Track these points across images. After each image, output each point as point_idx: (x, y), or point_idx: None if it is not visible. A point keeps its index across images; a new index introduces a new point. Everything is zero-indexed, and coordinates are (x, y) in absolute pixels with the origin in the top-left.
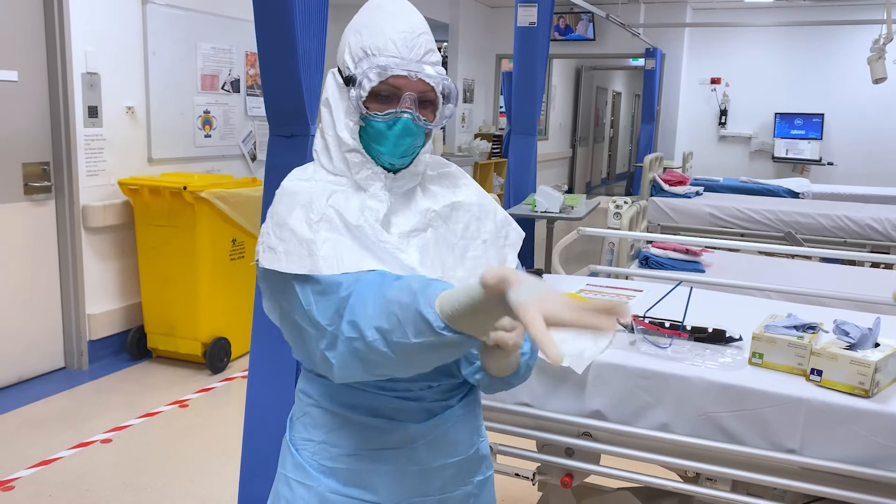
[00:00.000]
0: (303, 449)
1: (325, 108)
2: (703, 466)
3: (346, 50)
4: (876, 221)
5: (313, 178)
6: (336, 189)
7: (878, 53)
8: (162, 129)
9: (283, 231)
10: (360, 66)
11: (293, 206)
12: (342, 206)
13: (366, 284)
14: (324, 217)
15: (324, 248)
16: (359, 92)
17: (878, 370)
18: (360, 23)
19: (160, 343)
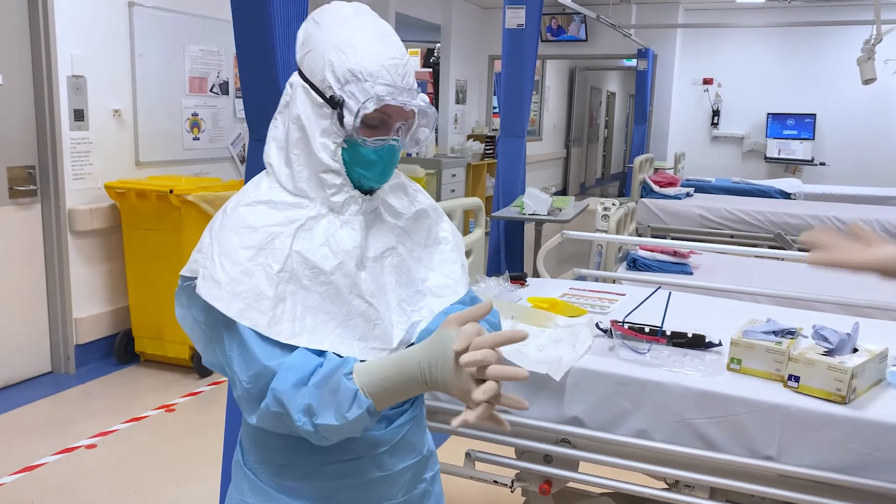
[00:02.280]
0: (261, 472)
1: (295, 125)
2: (681, 473)
3: (328, 68)
4: (865, 222)
5: (271, 199)
6: (298, 220)
7: (867, 54)
8: (149, 131)
9: (233, 267)
10: (348, 89)
11: (250, 245)
12: (309, 249)
13: (294, 360)
14: (286, 268)
15: (285, 312)
16: (354, 121)
17: (855, 376)
18: (343, 39)
19: (148, 347)
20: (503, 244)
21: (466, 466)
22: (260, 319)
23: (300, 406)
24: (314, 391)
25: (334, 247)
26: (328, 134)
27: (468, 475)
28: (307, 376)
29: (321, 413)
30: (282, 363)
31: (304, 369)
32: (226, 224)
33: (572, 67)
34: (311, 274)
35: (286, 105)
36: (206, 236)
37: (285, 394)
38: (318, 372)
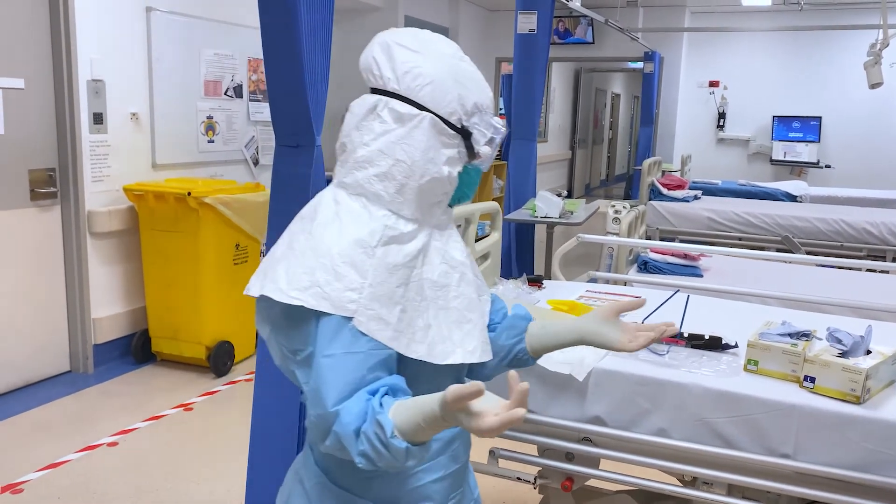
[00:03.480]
0: (348, 485)
1: (418, 153)
2: (700, 471)
3: (457, 101)
4: (872, 225)
5: (401, 232)
6: (421, 250)
7: (874, 59)
8: (166, 134)
9: (394, 307)
10: (472, 120)
11: (400, 283)
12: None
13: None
14: (426, 297)
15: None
16: (488, 149)
17: (869, 377)
18: (460, 73)
19: (164, 347)
20: (514, 247)
21: (490, 464)
22: (420, 348)
23: (357, 451)
24: (366, 441)
25: (451, 262)
26: (452, 162)
27: (492, 472)
28: (361, 424)
29: (379, 461)
30: (343, 407)
31: (360, 416)
32: (376, 266)
33: (577, 69)
34: (443, 293)
35: (384, 133)
36: (356, 277)
37: (346, 438)
38: (368, 419)
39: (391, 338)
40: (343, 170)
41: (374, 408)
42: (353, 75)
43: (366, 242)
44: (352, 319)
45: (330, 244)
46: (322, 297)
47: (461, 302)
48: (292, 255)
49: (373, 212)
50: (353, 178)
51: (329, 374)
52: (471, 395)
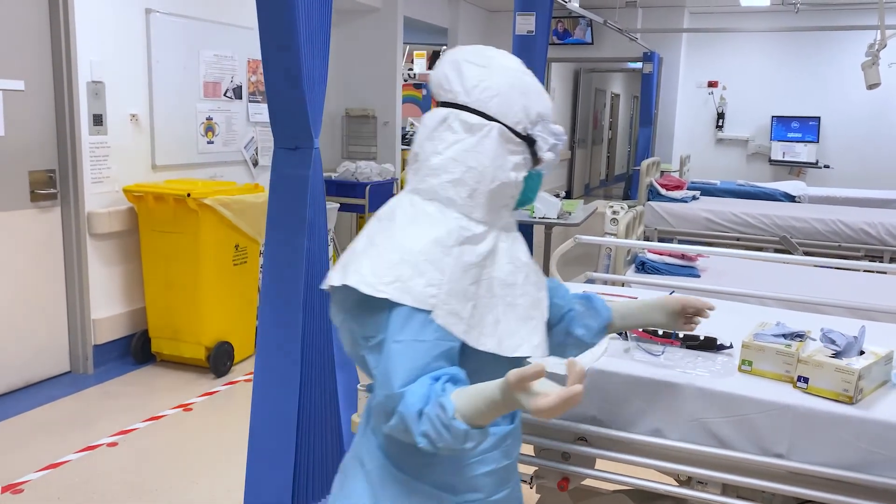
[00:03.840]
0: (407, 468)
1: (488, 160)
2: (694, 470)
3: (522, 111)
4: (870, 226)
5: (473, 234)
6: (491, 251)
7: (872, 59)
8: (165, 136)
9: (467, 303)
10: (537, 129)
11: (474, 281)
12: (501, 271)
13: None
14: (496, 294)
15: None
16: (552, 155)
17: (861, 377)
18: (524, 84)
19: (164, 347)
20: None
21: None
22: (490, 342)
23: (420, 432)
24: (429, 423)
25: (516, 262)
26: (518, 168)
27: None
28: (424, 406)
29: (438, 441)
30: (408, 389)
31: (423, 399)
32: (453, 265)
33: (577, 69)
34: (510, 291)
35: (456, 142)
36: (436, 275)
37: (409, 419)
38: (431, 402)
39: (464, 331)
40: (417, 177)
41: (437, 391)
42: (352, 77)
43: (444, 242)
44: (426, 312)
45: (411, 243)
46: (404, 291)
47: (526, 300)
48: (374, 252)
49: (447, 214)
50: (428, 185)
51: (398, 359)
52: (532, 376)
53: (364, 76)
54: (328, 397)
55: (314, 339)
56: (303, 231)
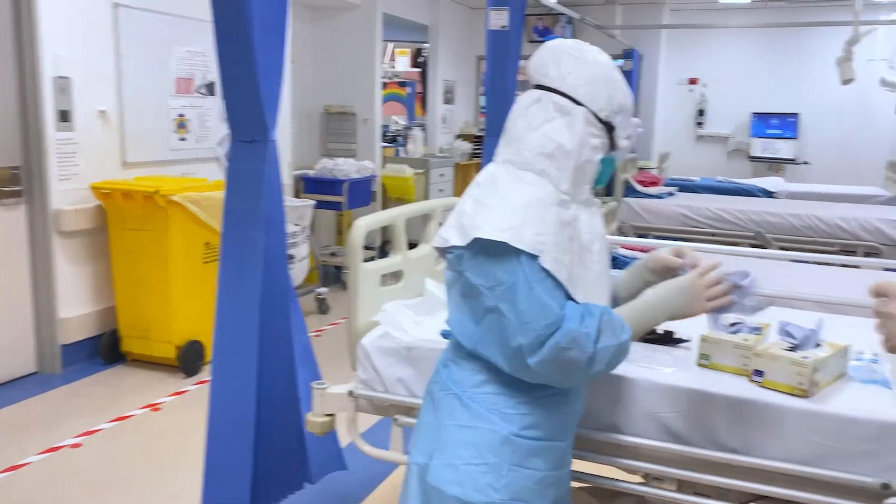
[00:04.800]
0: (479, 401)
1: (576, 139)
2: (651, 466)
3: (607, 100)
4: (844, 221)
5: (562, 199)
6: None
7: (846, 55)
8: (136, 132)
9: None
10: (618, 118)
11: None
12: (582, 238)
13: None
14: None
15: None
16: (627, 143)
17: (816, 370)
18: (608, 77)
19: (134, 346)
20: None
21: None
22: (580, 294)
23: (586, 334)
24: (595, 324)
25: (594, 232)
26: (597, 150)
27: None
28: (583, 315)
29: (602, 337)
30: (565, 310)
31: (580, 311)
32: (553, 219)
33: None
34: (588, 256)
35: (549, 120)
36: (535, 225)
37: (574, 329)
38: (590, 313)
39: (566, 278)
40: (510, 149)
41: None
42: (331, 74)
43: (545, 201)
44: (538, 258)
45: (518, 199)
46: (518, 238)
47: (599, 267)
48: (486, 210)
49: (541, 182)
50: (522, 157)
51: (544, 293)
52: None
53: (343, 73)
54: (289, 395)
55: (273, 336)
56: (260, 226)
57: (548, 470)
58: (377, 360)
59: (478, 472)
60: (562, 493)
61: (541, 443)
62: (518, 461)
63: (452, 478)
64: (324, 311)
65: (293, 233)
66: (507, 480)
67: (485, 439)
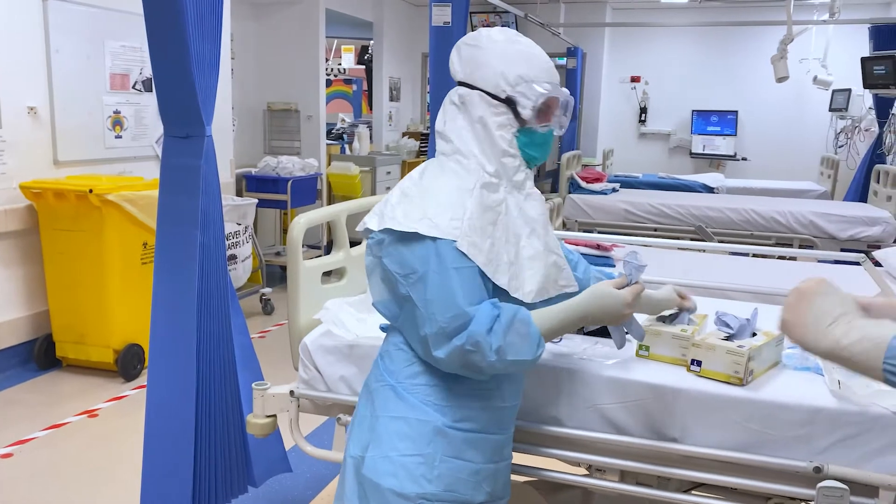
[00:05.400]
0: (414, 392)
1: (478, 125)
2: (593, 458)
3: (500, 76)
4: (780, 214)
5: (489, 182)
6: (504, 200)
7: (780, 53)
8: (68, 130)
9: (486, 239)
10: (519, 89)
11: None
12: (510, 222)
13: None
14: (508, 239)
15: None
16: (531, 112)
17: (751, 359)
18: (504, 53)
19: (70, 351)
20: None
21: None
22: (503, 279)
23: (492, 346)
24: (502, 335)
25: (526, 217)
26: (503, 127)
27: None
28: (493, 324)
29: (511, 352)
30: (476, 310)
31: (491, 317)
32: (474, 203)
33: None
34: (516, 240)
35: (458, 112)
36: (460, 209)
37: (480, 336)
38: (501, 320)
39: (484, 263)
40: (438, 143)
41: (504, 308)
42: (274, 71)
43: (465, 187)
44: (453, 241)
45: (438, 189)
46: (432, 226)
47: (531, 252)
48: (407, 200)
49: (467, 166)
50: (446, 148)
51: (455, 283)
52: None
53: (286, 69)
54: (230, 397)
55: (212, 338)
56: (196, 224)
57: (483, 462)
58: (319, 358)
59: (412, 463)
60: (499, 486)
61: (476, 435)
62: (452, 453)
63: (387, 469)
64: (268, 311)
65: (235, 232)
66: (441, 471)
67: (419, 430)
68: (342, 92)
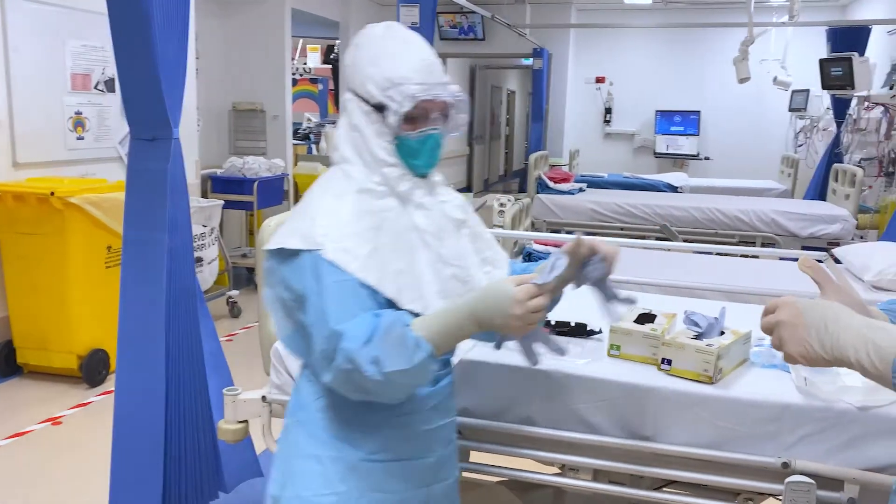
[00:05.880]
0: (324, 427)
1: (356, 133)
2: (566, 457)
3: (368, 80)
4: (743, 213)
5: (372, 188)
6: (394, 208)
7: (742, 55)
8: (28, 131)
9: (365, 244)
10: (388, 93)
11: (370, 227)
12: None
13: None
14: (397, 247)
15: (405, 284)
16: (397, 118)
17: (720, 357)
18: (375, 53)
19: (31, 358)
20: None
21: None
22: (390, 288)
23: (368, 358)
24: (379, 344)
25: (417, 228)
26: (380, 135)
27: None
28: (371, 334)
29: (388, 362)
30: (348, 325)
31: (368, 328)
32: (345, 208)
33: (473, 66)
34: (410, 251)
35: (343, 119)
36: (325, 218)
37: (354, 351)
38: (379, 328)
39: (359, 268)
40: (332, 151)
41: (386, 315)
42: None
43: (339, 193)
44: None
45: (311, 201)
46: (300, 238)
47: (428, 258)
48: (288, 219)
49: (350, 174)
50: (336, 155)
51: (327, 300)
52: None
53: (252, 69)
54: (199, 403)
55: (180, 341)
56: (163, 227)
57: (411, 489)
58: (291, 363)
59: (328, 503)
60: None
61: (397, 464)
62: (371, 486)
63: None
64: (236, 314)
65: (201, 234)
66: None
67: (332, 469)
68: (308, 91)
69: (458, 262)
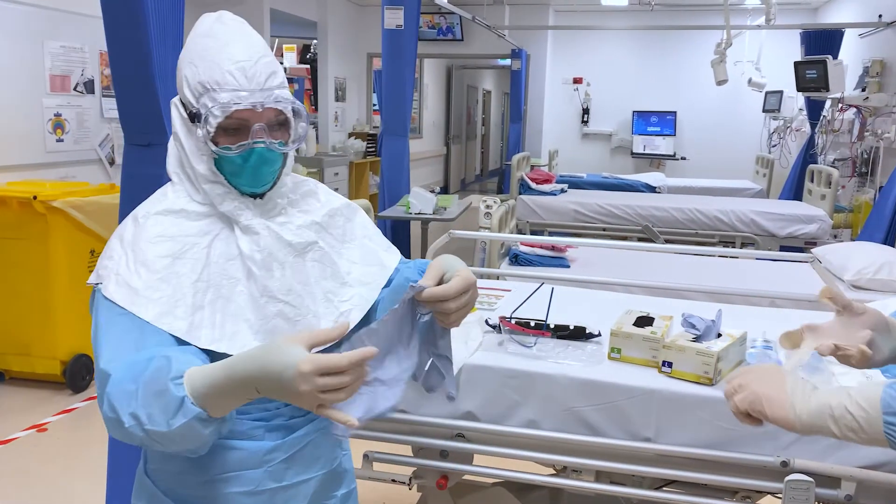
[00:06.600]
0: (159, 480)
1: (177, 142)
2: (568, 459)
3: (185, 83)
4: (723, 213)
5: (184, 209)
6: (213, 231)
7: (719, 57)
8: (5, 133)
9: (149, 275)
10: (202, 101)
11: (166, 255)
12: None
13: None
14: (202, 278)
15: (204, 319)
16: (206, 130)
17: (720, 359)
18: (194, 53)
19: (13, 364)
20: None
21: (364, 468)
22: (177, 325)
23: (128, 411)
24: (140, 397)
25: (244, 254)
26: (200, 148)
27: (367, 476)
28: (136, 383)
29: (148, 421)
30: (116, 366)
31: (134, 373)
32: (139, 234)
33: (449, 66)
34: (228, 283)
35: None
36: (117, 245)
37: (116, 398)
38: (143, 377)
39: (131, 302)
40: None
41: (156, 360)
42: None
43: (139, 215)
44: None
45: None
46: (95, 271)
47: (244, 299)
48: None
49: (166, 191)
50: (168, 165)
51: (102, 337)
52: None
53: None
54: None
55: None
56: None
57: None
58: None
59: None
60: None
61: None
62: None
63: None
64: None
65: None
66: None
67: None
68: None
69: (288, 297)
